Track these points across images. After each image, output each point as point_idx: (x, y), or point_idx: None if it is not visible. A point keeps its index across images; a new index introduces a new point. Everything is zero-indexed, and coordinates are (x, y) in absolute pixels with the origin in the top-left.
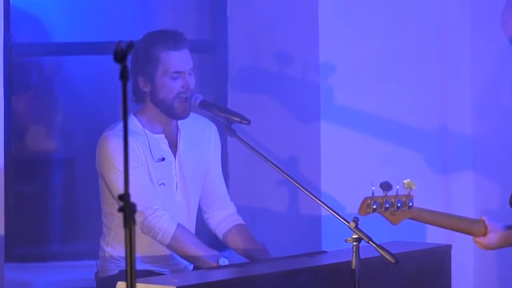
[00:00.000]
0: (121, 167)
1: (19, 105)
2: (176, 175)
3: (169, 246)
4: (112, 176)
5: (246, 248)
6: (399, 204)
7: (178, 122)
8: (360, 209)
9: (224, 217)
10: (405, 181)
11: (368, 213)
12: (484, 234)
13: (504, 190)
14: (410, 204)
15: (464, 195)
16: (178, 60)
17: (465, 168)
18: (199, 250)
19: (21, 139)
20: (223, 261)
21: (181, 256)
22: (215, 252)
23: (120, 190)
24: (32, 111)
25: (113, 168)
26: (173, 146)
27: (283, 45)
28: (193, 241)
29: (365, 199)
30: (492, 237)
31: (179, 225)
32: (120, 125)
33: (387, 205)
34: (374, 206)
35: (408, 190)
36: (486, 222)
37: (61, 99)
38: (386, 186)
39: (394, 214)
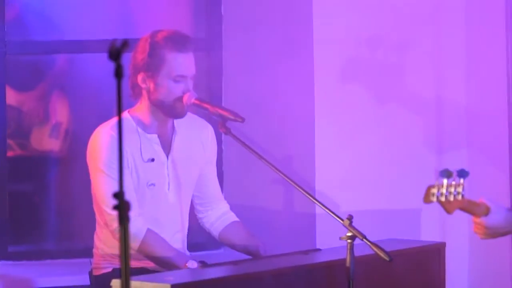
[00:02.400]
0: (105, 168)
1: (14, 103)
2: (168, 175)
3: (139, 251)
4: (95, 176)
5: (245, 244)
6: (455, 193)
7: (175, 122)
8: (425, 197)
9: (218, 215)
10: (458, 170)
11: (432, 201)
12: (486, 215)
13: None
14: (463, 193)
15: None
16: (183, 63)
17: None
18: (168, 253)
19: (16, 137)
20: (191, 264)
21: (151, 261)
22: (184, 255)
23: (102, 190)
24: (27, 109)
25: (97, 168)
26: (167, 147)
27: (277, 43)
28: (163, 245)
29: (429, 187)
30: (496, 218)
31: (149, 230)
32: (114, 122)
33: (447, 194)
34: (438, 195)
35: (461, 179)
36: (487, 203)
37: (57, 97)
38: (447, 174)
39: (450, 202)
